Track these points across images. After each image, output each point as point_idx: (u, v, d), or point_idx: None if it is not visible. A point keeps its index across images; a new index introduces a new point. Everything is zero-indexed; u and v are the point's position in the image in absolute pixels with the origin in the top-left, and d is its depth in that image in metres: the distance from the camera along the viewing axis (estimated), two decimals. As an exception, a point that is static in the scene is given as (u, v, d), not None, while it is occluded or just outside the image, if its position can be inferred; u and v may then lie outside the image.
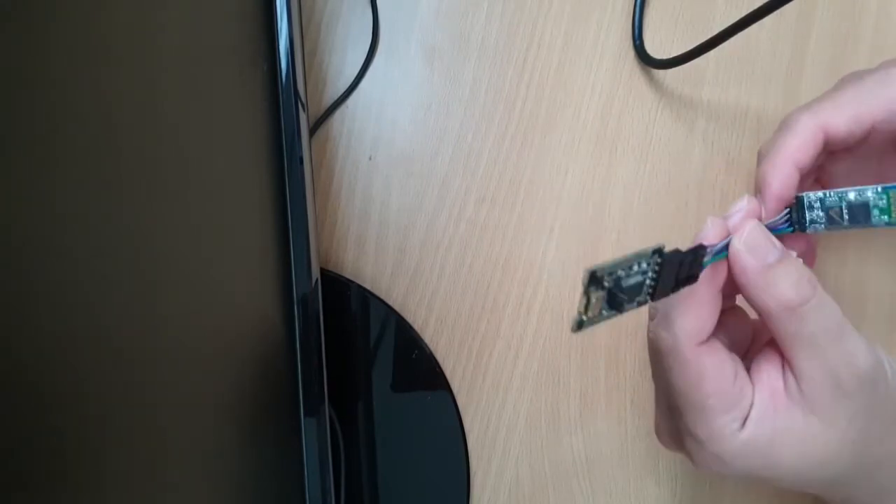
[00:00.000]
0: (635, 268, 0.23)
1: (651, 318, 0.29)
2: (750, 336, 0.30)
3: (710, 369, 0.25)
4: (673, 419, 0.28)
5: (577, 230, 0.40)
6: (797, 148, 0.29)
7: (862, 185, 0.28)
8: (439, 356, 0.40)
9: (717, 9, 0.41)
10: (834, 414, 0.25)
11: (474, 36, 0.41)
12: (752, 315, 0.30)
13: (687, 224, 0.40)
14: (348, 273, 0.40)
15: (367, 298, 0.39)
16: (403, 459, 0.39)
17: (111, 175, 0.20)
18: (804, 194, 0.29)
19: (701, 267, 0.25)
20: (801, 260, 0.26)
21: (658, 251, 0.23)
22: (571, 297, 0.40)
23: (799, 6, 0.41)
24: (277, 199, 0.31)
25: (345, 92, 0.40)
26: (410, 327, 0.39)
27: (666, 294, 0.24)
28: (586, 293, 0.22)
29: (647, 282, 0.23)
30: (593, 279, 0.22)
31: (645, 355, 0.40)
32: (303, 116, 0.32)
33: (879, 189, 0.28)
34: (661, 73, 0.40)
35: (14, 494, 0.15)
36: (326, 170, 0.40)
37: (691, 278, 0.25)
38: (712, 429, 0.25)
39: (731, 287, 0.26)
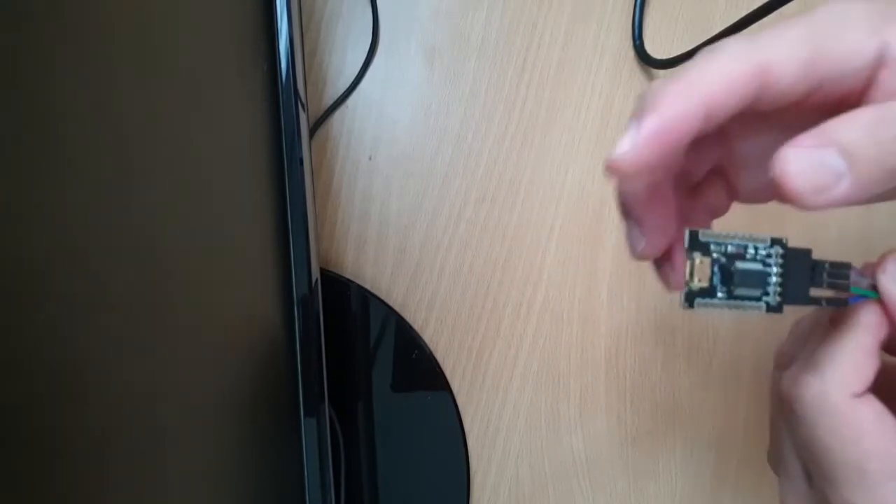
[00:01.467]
0: (751, 251, 0.20)
1: (779, 366, 0.25)
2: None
3: (870, 424, 0.21)
4: (812, 488, 0.24)
5: (577, 230, 0.40)
6: (723, 79, 0.19)
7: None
8: (439, 356, 0.40)
9: (717, 9, 0.41)
10: None
11: (474, 36, 0.41)
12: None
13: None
14: (348, 273, 0.40)
15: (367, 298, 0.39)
16: (403, 459, 0.39)
17: (111, 176, 0.20)
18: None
19: (848, 292, 0.22)
20: None
21: (779, 241, 0.21)
22: (571, 297, 0.40)
23: (799, 6, 0.40)
24: (277, 199, 0.31)
25: (345, 92, 0.40)
26: (410, 327, 0.39)
27: (798, 303, 0.21)
28: (689, 256, 0.20)
29: (774, 277, 0.21)
30: (693, 240, 0.20)
31: (645, 355, 0.40)
32: (303, 116, 0.32)
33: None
34: (661, 74, 0.40)
35: (14, 494, 0.15)
36: (326, 170, 0.40)
37: (838, 301, 0.22)
38: (876, 497, 0.21)
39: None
